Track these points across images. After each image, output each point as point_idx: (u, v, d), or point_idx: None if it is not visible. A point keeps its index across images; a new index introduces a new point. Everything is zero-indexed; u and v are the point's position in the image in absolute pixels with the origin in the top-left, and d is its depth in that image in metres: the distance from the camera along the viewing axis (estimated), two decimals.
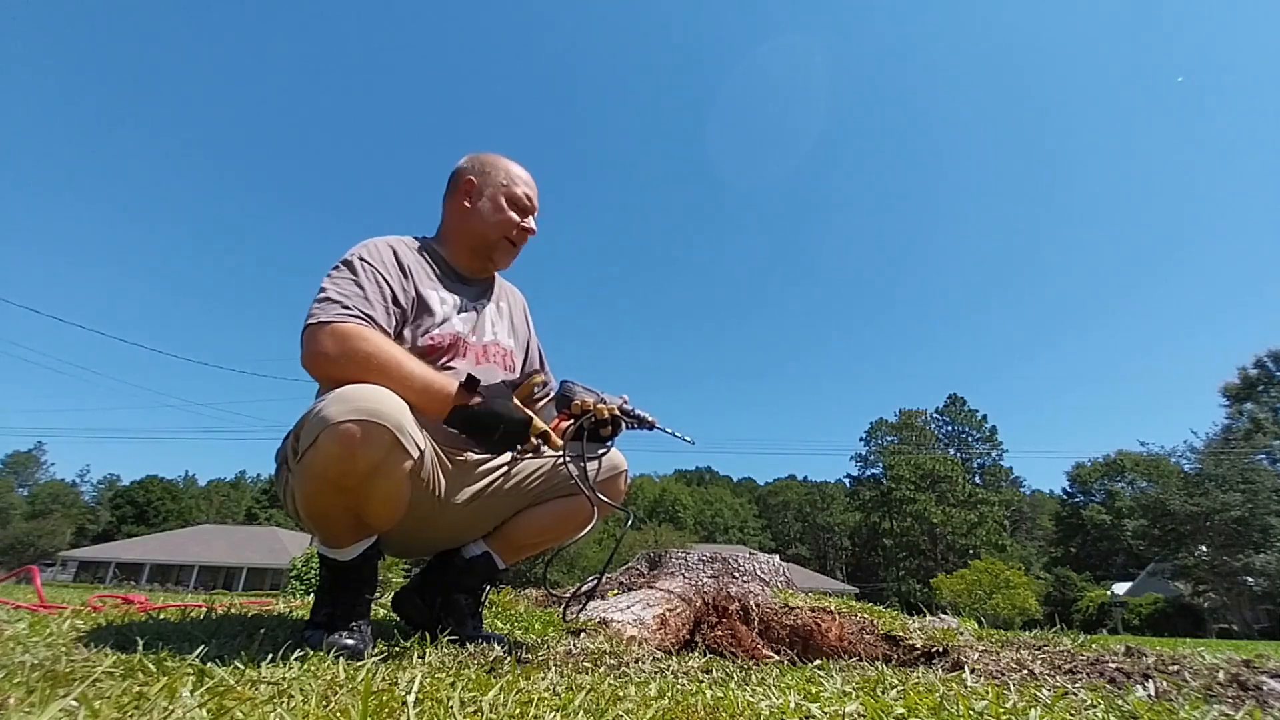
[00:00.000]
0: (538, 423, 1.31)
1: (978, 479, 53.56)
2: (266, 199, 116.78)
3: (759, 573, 2.65)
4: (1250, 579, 26.68)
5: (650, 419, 1.59)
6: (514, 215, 1.58)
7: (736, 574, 2.60)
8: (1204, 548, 28.83)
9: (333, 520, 1.21)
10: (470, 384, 1.28)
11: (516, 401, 1.33)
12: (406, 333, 1.42)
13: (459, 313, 1.52)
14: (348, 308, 1.27)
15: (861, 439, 58.87)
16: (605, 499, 1.49)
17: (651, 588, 2.43)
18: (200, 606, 1.95)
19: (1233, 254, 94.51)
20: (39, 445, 61.51)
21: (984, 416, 55.58)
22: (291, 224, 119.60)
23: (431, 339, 1.44)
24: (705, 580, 2.53)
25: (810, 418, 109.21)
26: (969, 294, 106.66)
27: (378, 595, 1.78)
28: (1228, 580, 27.57)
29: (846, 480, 62.18)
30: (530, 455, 1.30)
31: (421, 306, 1.45)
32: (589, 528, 1.52)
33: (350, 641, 1.16)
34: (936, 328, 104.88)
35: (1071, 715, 0.85)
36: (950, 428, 56.65)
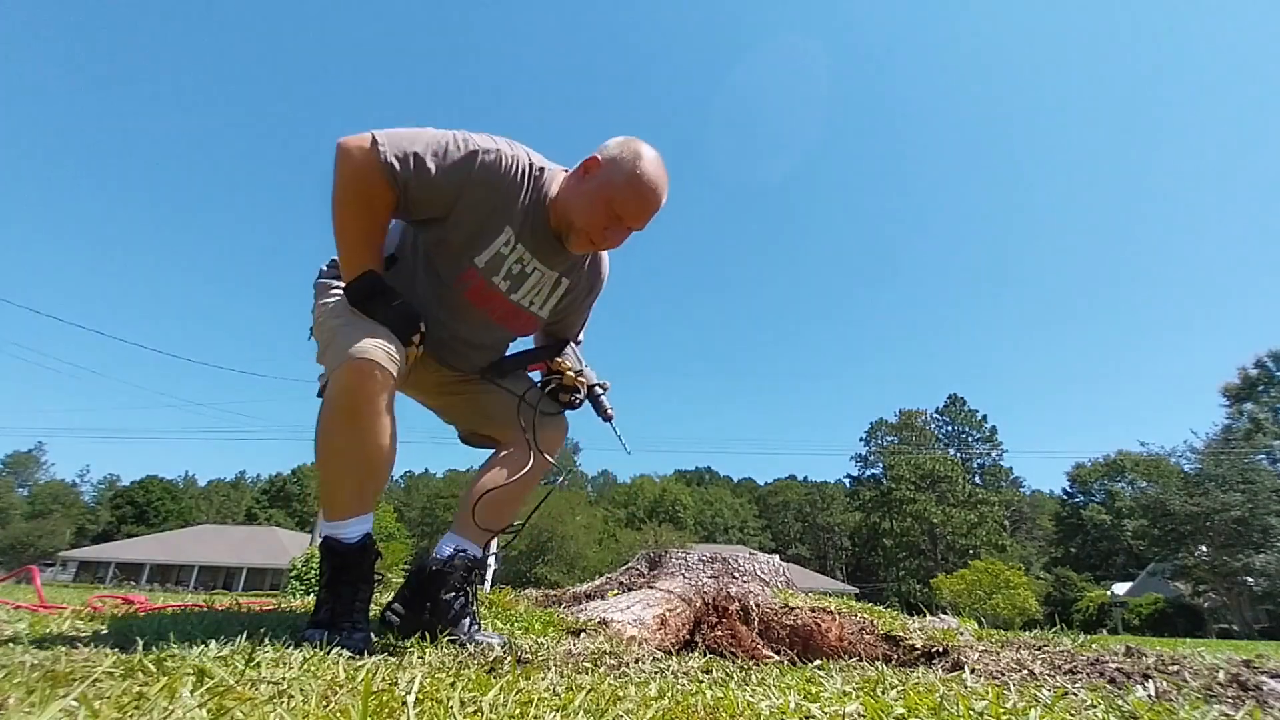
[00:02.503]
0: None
1: (978, 479, 53.49)
2: (268, 199, 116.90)
3: (759, 573, 2.65)
4: (1250, 579, 26.68)
5: (610, 412, 1.71)
6: (601, 218, 1.48)
7: (736, 574, 2.60)
8: (1204, 548, 28.82)
9: (343, 459, 1.28)
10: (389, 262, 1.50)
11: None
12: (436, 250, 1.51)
13: (513, 258, 1.53)
14: (387, 158, 1.33)
15: (861, 439, 58.93)
16: (544, 453, 1.62)
17: (651, 588, 2.43)
18: (200, 606, 1.95)
19: (1233, 253, 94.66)
20: (39, 445, 61.69)
21: (984, 416, 55.54)
22: (293, 225, 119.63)
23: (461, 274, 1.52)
24: (705, 580, 2.53)
25: (810, 418, 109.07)
26: (969, 293, 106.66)
27: (376, 595, 1.78)
28: (1228, 580, 27.57)
29: (846, 480, 62.23)
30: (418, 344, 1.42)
31: (473, 236, 1.48)
32: (532, 474, 1.59)
33: (351, 641, 1.17)
34: (936, 328, 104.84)
35: (1071, 715, 0.85)
36: (950, 428, 56.59)
